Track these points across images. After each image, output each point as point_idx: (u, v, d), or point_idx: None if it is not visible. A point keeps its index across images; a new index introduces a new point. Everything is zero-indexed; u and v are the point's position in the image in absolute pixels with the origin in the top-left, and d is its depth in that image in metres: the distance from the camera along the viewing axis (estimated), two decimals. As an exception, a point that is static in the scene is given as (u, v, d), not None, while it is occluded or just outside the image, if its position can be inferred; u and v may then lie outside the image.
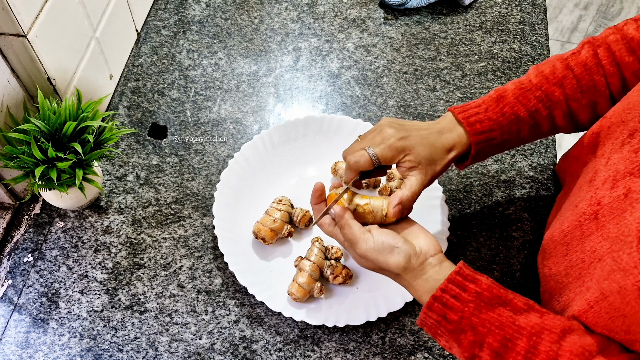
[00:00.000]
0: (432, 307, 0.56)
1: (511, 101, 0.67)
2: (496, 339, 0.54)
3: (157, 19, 1.03)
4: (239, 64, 0.98)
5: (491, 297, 0.55)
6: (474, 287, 0.56)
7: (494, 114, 0.66)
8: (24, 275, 0.76)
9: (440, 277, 0.58)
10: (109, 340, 0.72)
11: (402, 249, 0.59)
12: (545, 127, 0.69)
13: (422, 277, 0.59)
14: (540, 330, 0.53)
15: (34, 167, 0.68)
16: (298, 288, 0.71)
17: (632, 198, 0.52)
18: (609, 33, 0.68)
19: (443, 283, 0.56)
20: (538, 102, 0.67)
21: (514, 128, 0.67)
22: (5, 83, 0.70)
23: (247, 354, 0.71)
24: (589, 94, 0.67)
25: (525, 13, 1.06)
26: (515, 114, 0.66)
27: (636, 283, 0.46)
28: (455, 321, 0.55)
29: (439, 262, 0.59)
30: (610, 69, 0.66)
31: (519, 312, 0.54)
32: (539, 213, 0.83)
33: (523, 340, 0.53)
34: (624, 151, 0.57)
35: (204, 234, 0.80)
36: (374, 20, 1.05)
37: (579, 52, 0.68)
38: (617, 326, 0.51)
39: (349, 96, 0.95)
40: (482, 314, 0.54)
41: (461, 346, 0.56)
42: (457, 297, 0.56)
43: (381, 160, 0.63)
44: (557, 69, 0.68)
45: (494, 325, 0.54)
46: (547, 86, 0.67)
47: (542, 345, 0.52)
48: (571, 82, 0.67)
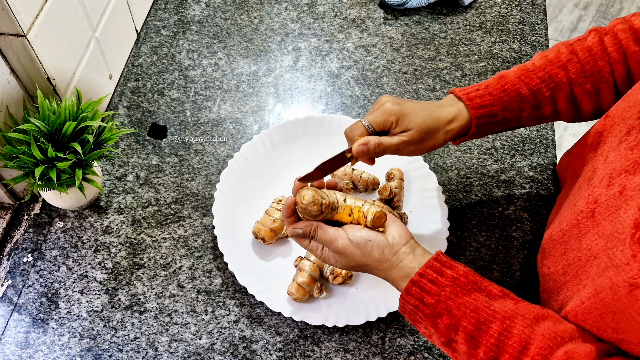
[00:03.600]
0: (410, 291, 0.57)
1: (513, 79, 0.67)
2: (471, 322, 0.54)
3: (157, 19, 1.03)
4: (238, 64, 0.98)
5: (467, 282, 0.56)
6: (450, 273, 0.57)
7: (495, 90, 0.67)
8: (23, 276, 0.76)
9: (414, 264, 0.59)
10: (109, 340, 0.72)
11: (375, 242, 0.60)
12: (548, 110, 0.69)
13: (398, 267, 0.59)
14: (514, 314, 0.54)
15: (33, 167, 0.68)
16: (298, 288, 0.71)
17: (627, 195, 0.52)
18: (616, 22, 0.68)
19: (421, 268, 0.57)
20: (541, 82, 0.67)
21: (515, 105, 0.67)
22: (5, 83, 0.70)
23: (247, 354, 0.71)
24: (593, 79, 0.67)
25: (525, 13, 1.06)
26: (517, 91, 0.67)
27: (627, 279, 0.46)
28: (432, 305, 0.56)
29: (412, 249, 0.60)
30: (615, 56, 0.66)
31: (494, 298, 0.55)
32: (539, 213, 0.83)
33: (496, 324, 0.54)
34: (621, 149, 0.57)
35: (204, 234, 0.80)
36: (374, 20, 1.05)
37: (584, 39, 0.68)
38: (606, 324, 0.51)
39: (349, 96, 0.95)
40: (457, 298, 0.55)
41: (438, 331, 0.57)
42: (434, 282, 0.57)
43: (374, 126, 0.64)
44: (562, 53, 0.68)
45: (469, 309, 0.55)
46: (551, 68, 0.67)
47: (515, 329, 0.53)
48: (575, 66, 0.67)
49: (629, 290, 0.46)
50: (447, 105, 0.67)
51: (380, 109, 0.65)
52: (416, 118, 0.64)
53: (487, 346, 0.53)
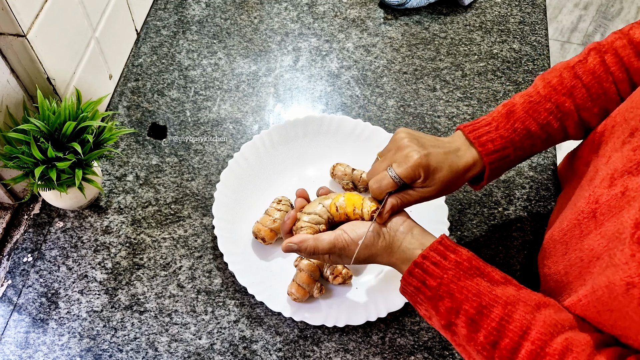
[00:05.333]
0: (412, 272, 0.58)
1: (521, 116, 0.66)
2: (472, 305, 0.55)
3: (157, 18, 1.03)
4: (238, 64, 0.98)
5: (470, 267, 0.56)
6: (454, 257, 0.57)
7: (505, 131, 0.65)
8: (23, 276, 0.76)
9: (414, 245, 0.59)
10: (109, 340, 0.72)
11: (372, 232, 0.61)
12: (558, 138, 0.68)
13: (399, 249, 0.60)
14: (515, 300, 0.54)
15: (33, 167, 0.68)
16: (298, 288, 0.71)
17: (629, 196, 0.52)
18: (615, 38, 0.66)
19: (425, 250, 0.58)
20: (549, 115, 0.66)
21: (526, 143, 0.66)
22: (5, 83, 0.70)
23: (246, 354, 0.71)
24: (600, 102, 0.66)
25: (525, 13, 1.06)
26: (527, 128, 0.65)
27: (624, 278, 0.46)
28: (433, 287, 0.57)
29: (409, 229, 0.60)
30: (619, 75, 0.65)
31: (497, 284, 0.56)
32: (539, 213, 0.83)
33: (498, 309, 0.54)
34: (624, 150, 0.57)
35: (204, 234, 0.80)
36: (374, 20, 1.05)
37: (585, 60, 0.67)
38: (605, 320, 0.52)
39: (349, 96, 0.95)
40: (460, 282, 0.56)
41: (439, 313, 0.57)
42: (438, 265, 0.57)
43: (405, 180, 0.61)
44: (565, 78, 0.66)
45: (471, 293, 0.55)
46: (557, 97, 0.66)
47: (516, 314, 0.53)
48: (581, 92, 0.66)
49: (626, 289, 0.46)
50: (462, 151, 0.64)
51: (409, 163, 0.60)
52: (440, 174, 0.62)
53: (487, 330, 0.54)
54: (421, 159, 0.60)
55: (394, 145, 0.63)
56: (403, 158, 0.61)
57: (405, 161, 0.61)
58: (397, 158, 0.61)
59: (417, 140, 0.62)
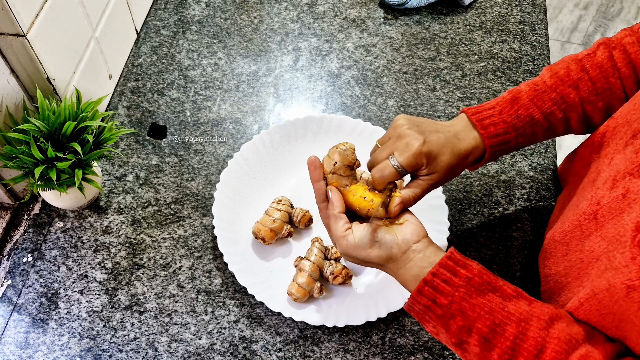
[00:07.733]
0: (422, 290, 0.56)
1: (526, 103, 0.66)
2: (485, 324, 0.54)
3: (157, 18, 1.03)
4: (238, 64, 0.98)
5: (482, 282, 0.55)
6: (465, 272, 0.55)
7: (509, 117, 0.65)
8: (23, 276, 0.76)
9: (424, 263, 0.57)
10: (109, 340, 0.72)
11: (384, 242, 0.58)
12: (560, 129, 0.68)
13: (407, 265, 0.58)
14: (529, 317, 0.53)
15: (33, 167, 0.68)
16: (298, 288, 0.71)
17: (630, 198, 0.52)
18: (624, 35, 0.67)
19: (434, 267, 0.56)
20: (553, 105, 0.66)
21: (528, 130, 0.66)
22: (5, 83, 0.70)
23: (246, 354, 0.71)
24: (605, 97, 0.66)
25: (525, 13, 1.06)
26: (530, 116, 0.65)
27: (625, 281, 0.46)
28: (445, 305, 0.55)
29: (424, 247, 0.58)
30: (626, 71, 0.65)
31: (509, 299, 0.54)
32: (539, 213, 0.83)
33: (512, 326, 0.53)
34: (627, 152, 0.57)
35: (204, 234, 0.80)
36: (374, 20, 1.05)
37: (594, 54, 0.67)
38: (608, 322, 0.52)
39: (349, 96, 0.95)
40: (472, 299, 0.54)
41: (449, 332, 0.56)
42: (448, 282, 0.55)
43: (407, 169, 0.60)
44: (572, 70, 0.67)
45: (484, 311, 0.54)
46: (562, 88, 0.66)
47: (530, 331, 0.52)
48: (587, 84, 0.66)
49: (626, 292, 0.46)
50: (463, 133, 0.64)
51: (410, 151, 0.59)
52: (443, 158, 0.61)
53: (502, 349, 0.53)
54: (422, 147, 0.59)
55: (394, 132, 0.62)
56: (404, 146, 0.60)
57: (406, 149, 0.60)
58: (398, 146, 0.60)
59: (417, 127, 0.61)
